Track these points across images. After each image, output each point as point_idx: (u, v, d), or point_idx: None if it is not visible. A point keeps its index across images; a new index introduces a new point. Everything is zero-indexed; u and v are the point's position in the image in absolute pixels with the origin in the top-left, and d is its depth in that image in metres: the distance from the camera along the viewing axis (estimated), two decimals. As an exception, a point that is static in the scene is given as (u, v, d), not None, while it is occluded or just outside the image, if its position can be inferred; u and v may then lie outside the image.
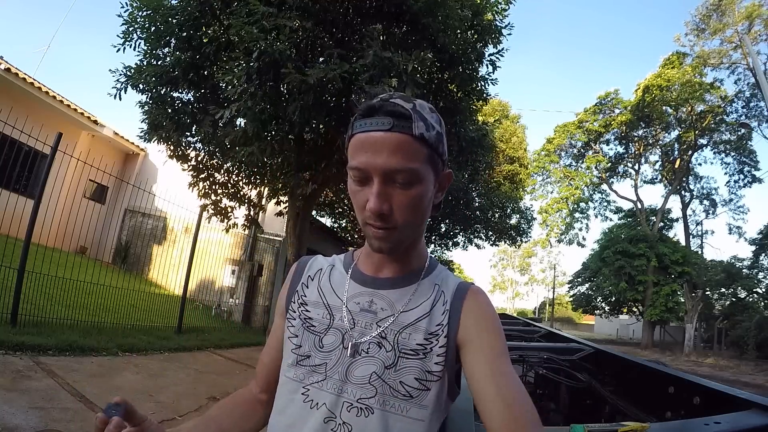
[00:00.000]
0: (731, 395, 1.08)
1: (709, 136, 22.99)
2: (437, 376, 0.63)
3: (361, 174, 0.62)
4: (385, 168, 0.60)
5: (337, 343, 0.67)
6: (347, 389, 0.63)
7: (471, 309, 0.67)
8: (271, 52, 4.18)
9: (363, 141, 0.61)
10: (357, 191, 0.64)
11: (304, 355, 0.68)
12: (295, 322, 0.71)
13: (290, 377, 0.68)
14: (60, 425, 2.56)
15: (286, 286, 0.77)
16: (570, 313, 45.74)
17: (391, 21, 5.28)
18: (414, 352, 0.64)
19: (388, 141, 0.59)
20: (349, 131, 0.65)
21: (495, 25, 5.78)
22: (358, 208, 0.65)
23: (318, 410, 0.63)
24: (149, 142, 6.28)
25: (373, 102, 0.62)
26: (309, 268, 0.77)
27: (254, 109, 4.41)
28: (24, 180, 8.75)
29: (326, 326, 0.69)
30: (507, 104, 18.97)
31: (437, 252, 18.85)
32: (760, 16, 19.31)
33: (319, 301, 0.72)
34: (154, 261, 10.39)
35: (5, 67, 7.99)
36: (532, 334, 3.15)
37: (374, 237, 0.64)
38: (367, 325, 0.67)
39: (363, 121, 0.61)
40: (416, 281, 0.70)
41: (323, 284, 0.74)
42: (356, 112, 0.64)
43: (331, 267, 0.77)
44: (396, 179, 0.61)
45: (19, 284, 4.20)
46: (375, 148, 0.60)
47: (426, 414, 0.62)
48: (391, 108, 0.60)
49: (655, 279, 21.20)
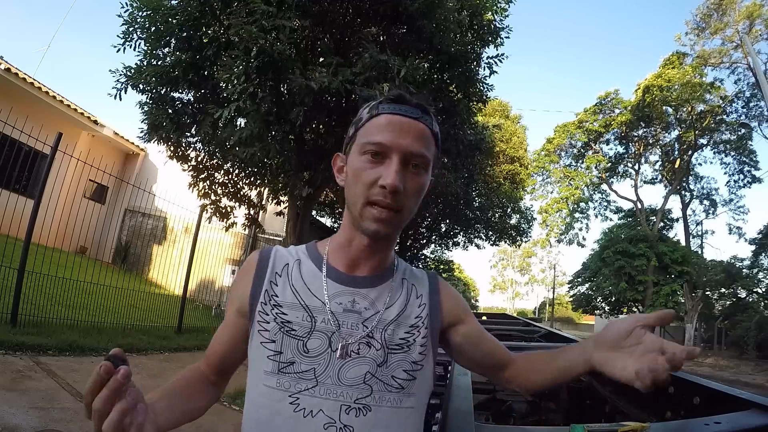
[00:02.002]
0: (731, 395, 1.08)
1: (709, 136, 22.96)
2: (421, 365, 0.69)
3: (380, 149, 0.64)
4: (408, 149, 0.64)
5: (324, 347, 0.65)
6: (343, 392, 0.63)
7: (448, 297, 0.76)
8: (270, 52, 4.18)
9: (391, 120, 0.65)
10: (366, 168, 0.65)
11: (287, 362, 0.64)
12: (270, 326, 0.66)
13: (272, 386, 0.64)
14: (60, 425, 2.56)
15: (247, 282, 0.71)
16: (570, 313, 45.72)
17: (389, 23, 5.28)
18: (399, 346, 0.68)
19: (415, 127, 0.66)
20: (371, 111, 0.68)
21: (494, 25, 5.78)
22: (363, 185, 0.65)
23: (314, 418, 0.62)
24: (149, 143, 6.29)
25: (397, 93, 0.69)
26: (273, 263, 0.72)
27: (260, 110, 4.41)
28: (24, 180, 8.75)
29: (308, 330, 0.66)
30: (507, 104, 18.98)
31: (437, 252, 18.87)
32: (760, 16, 19.31)
33: (296, 302, 0.67)
34: (154, 261, 10.39)
35: (5, 67, 7.99)
36: (532, 334, 3.15)
37: (375, 218, 0.64)
38: (353, 326, 0.67)
39: (394, 106, 0.67)
40: (390, 278, 0.73)
41: (295, 283, 0.69)
42: (381, 97, 0.69)
43: (297, 262, 0.72)
44: (412, 162, 0.65)
45: (19, 284, 4.20)
46: (402, 130, 0.65)
47: (415, 400, 0.68)
48: (419, 102, 0.68)
49: (655, 279, 21.18)
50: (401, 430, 0.65)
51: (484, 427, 0.94)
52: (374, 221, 0.64)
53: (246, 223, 7.16)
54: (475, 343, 0.77)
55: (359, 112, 0.72)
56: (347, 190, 0.69)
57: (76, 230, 5.56)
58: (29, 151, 7.13)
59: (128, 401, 0.48)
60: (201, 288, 9.33)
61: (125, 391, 0.48)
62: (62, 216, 5.41)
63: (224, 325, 0.74)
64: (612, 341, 0.62)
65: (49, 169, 4.53)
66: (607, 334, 0.64)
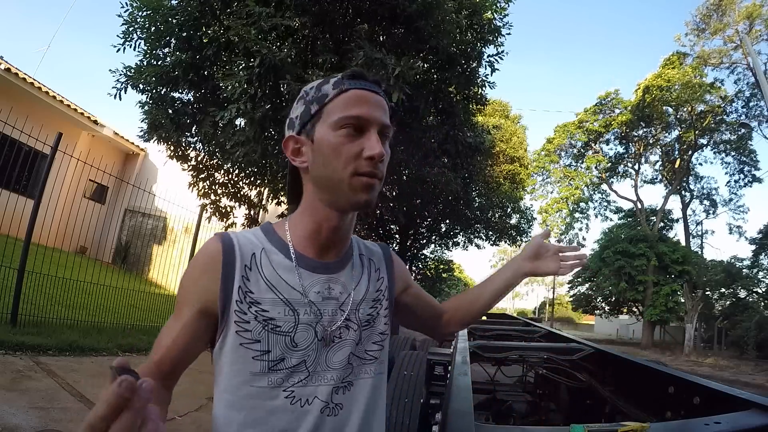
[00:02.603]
0: (731, 395, 1.08)
1: (709, 136, 22.95)
2: (386, 334, 0.75)
3: (359, 123, 0.65)
4: (382, 122, 0.67)
5: (311, 338, 0.66)
6: (332, 376, 0.66)
7: (398, 265, 0.84)
8: (271, 58, 4.18)
9: (361, 96, 0.67)
10: (346, 143, 0.65)
11: (277, 359, 0.63)
12: (251, 325, 0.63)
13: (263, 386, 0.62)
14: (60, 425, 2.56)
15: (213, 278, 0.64)
16: (570, 313, 45.68)
17: (388, 23, 5.28)
18: (367, 322, 0.72)
19: (380, 101, 0.69)
20: (337, 87, 0.67)
21: (494, 24, 5.78)
22: (346, 159, 0.64)
23: (311, 405, 0.64)
24: (149, 142, 6.29)
25: (356, 69, 0.70)
26: (241, 254, 0.66)
27: (254, 114, 4.41)
28: (24, 180, 8.75)
29: (293, 324, 0.65)
30: (507, 104, 18.97)
31: (437, 252, 18.86)
32: (760, 16, 19.31)
33: (275, 297, 0.65)
34: (154, 261, 10.38)
35: (5, 67, 7.99)
36: (532, 334, 3.15)
37: (365, 187, 0.65)
38: (333, 312, 0.68)
39: (357, 82, 0.68)
40: (351, 257, 0.75)
41: (269, 276, 0.66)
42: (343, 74, 0.69)
43: (261, 250, 0.68)
44: (384, 135, 0.68)
45: (19, 284, 4.20)
46: (372, 104, 0.67)
47: (384, 365, 0.74)
48: (375, 78, 0.71)
49: (655, 279, 21.16)
50: (377, 393, 0.71)
51: (484, 427, 0.94)
52: (365, 191, 0.65)
53: (246, 223, 7.16)
54: (419, 300, 0.87)
55: (316, 89, 0.69)
56: (319, 168, 0.67)
57: (76, 230, 5.55)
58: (29, 151, 7.12)
59: (158, 427, 0.36)
60: (201, 288, 9.32)
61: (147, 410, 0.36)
62: (62, 216, 5.41)
63: (182, 326, 0.65)
64: (532, 254, 0.88)
65: (49, 169, 4.53)
66: (527, 251, 0.89)
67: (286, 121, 0.74)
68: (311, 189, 0.70)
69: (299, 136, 0.69)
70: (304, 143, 0.69)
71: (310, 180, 0.70)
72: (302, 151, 0.69)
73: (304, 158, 0.69)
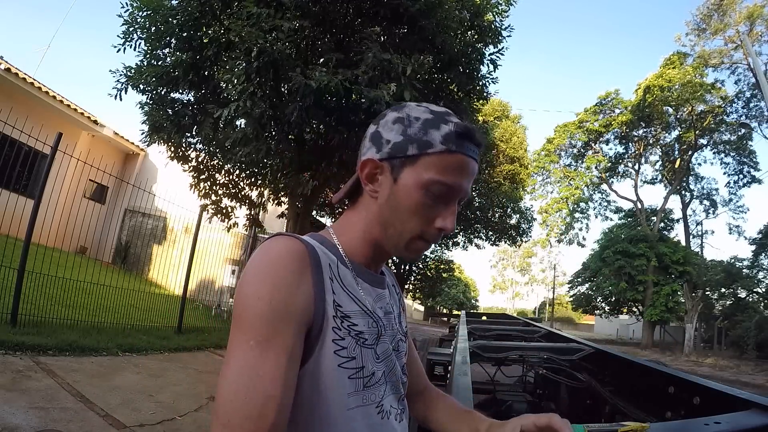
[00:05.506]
0: (731, 395, 1.08)
1: (710, 136, 22.98)
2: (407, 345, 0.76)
3: (448, 192, 0.60)
4: (468, 193, 0.63)
5: (389, 349, 0.65)
6: (400, 385, 0.68)
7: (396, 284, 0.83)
8: (270, 52, 4.18)
9: (464, 165, 0.60)
10: (429, 206, 0.60)
11: (369, 374, 0.60)
12: (346, 342, 0.57)
13: (358, 405, 0.58)
14: (60, 425, 2.56)
15: (306, 291, 0.55)
16: (570, 313, 45.71)
17: (390, 23, 5.29)
18: (406, 333, 0.76)
19: (475, 170, 0.63)
20: (447, 144, 0.59)
21: (495, 26, 5.79)
22: (420, 221, 0.61)
23: (391, 416, 0.64)
24: (150, 145, 6.30)
25: (468, 127, 0.61)
26: (325, 265, 0.60)
27: (253, 111, 4.41)
28: (24, 180, 8.75)
29: (376, 335, 0.62)
30: (507, 104, 18.97)
31: (437, 252, 18.87)
32: (761, 17, 19.32)
33: (359, 309, 0.61)
34: (154, 261, 10.39)
35: (5, 67, 7.99)
36: (532, 334, 3.15)
37: (418, 251, 0.64)
38: (393, 323, 0.70)
39: (471, 146, 0.61)
40: (383, 271, 0.76)
41: (349, 286, 0.62)
42: (455, 127, 0.60)
43: (330, 262, 0.62)
44: (461, 200, 0.65)
45: (19, 284, 4.20)
46: (469, 176, 0.62)
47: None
48: (480, 140, 0.62)
49: (655, 279, 21.18)
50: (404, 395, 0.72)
51: (484, 427, 0.93)
52: (416, 253, 0.64)
53: (247, 223, 7.17)
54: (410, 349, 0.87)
55: (422, 128, 0.60)
56: (388, 212, 0.62)
57: (76, 230, 5.55)
58: (29, 151, 7.13)
59: None
60: (201, 288, 9.33)
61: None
62: (62, 216, 5.41)
63: (288, 358, 0.50)
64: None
65: (49, 169, 4.53)
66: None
67: (370, 130, 0.65)
68: (371, 214, 0.65)
69: (382, 163, 0.62)
70: (384, 175, 0.62)
71: (373, 207, 0.64)
72: (378, 180, 0.63)
73: (376, 189, 0.63)
